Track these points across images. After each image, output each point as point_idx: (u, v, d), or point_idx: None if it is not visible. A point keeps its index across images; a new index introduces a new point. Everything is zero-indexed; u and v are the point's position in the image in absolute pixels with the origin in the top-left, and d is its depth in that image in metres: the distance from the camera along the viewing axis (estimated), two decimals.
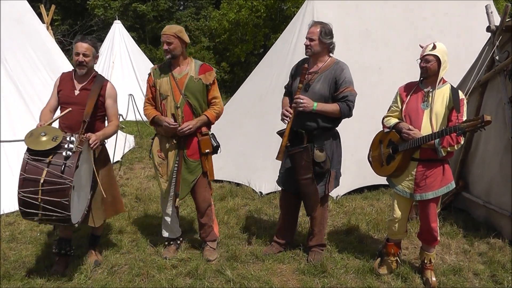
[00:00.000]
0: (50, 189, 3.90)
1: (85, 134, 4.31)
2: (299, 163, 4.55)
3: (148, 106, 4.89)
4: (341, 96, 4.54)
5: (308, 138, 4.62)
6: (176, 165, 4.82)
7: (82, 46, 4.50)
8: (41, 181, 3.88)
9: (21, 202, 3.92)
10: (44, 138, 3.99)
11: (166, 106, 4.71)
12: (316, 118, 4.57)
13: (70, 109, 4.40)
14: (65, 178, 3.94)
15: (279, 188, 5.24)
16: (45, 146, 3.97)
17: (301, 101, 4.45)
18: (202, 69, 4.81)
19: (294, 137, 4.64)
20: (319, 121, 4.58)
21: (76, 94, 4.54)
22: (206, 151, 4.83)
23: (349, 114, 4.60)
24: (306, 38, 4.59)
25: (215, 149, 4.92)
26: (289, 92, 4.86)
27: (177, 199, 4.92)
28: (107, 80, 4.75)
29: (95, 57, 4.62)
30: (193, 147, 4.82)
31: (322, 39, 4.54)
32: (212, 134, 4.93)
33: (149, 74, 4.87)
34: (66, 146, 4.03)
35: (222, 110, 4.95)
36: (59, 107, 4.62)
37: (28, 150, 3.97)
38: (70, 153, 4.01)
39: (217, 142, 4.94)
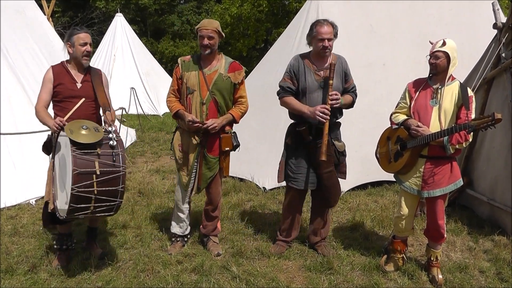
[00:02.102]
0: (105, 179, 3.96)
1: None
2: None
3: (172, 97, 4.85)
4: (351, 88, 4.76)
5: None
6: (196, 160, 4.81)
7: (87, 36, 4.45)
8: (98, 172, 3.92)
9: (74, 198, 3.86)
10: (85, 132, 3.99)
11: (192, 101, 4.67)
12: (336, 112, 4.65)
13: (84, 99, 4.39)
14: (117, 166, 4.03)
15: (283, 184, 5.23)
16: (96, 138, 3.99)
17: (338, 96, 4.49)
18: (232, 67, 4.77)
19: (309, 132, 4.62)
20: (337, 115, 4.71)
21: (78, 87, 4.48)
22: (226, 149, 4.82)
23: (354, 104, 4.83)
24: (324, 39, 4.49)
25: (234, 148, 4.91)
26: (293, 92, 4.72)
27: (193, 192, 5.04)
28: (100, 69, 4.76)
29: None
30: (213, 144, 4.80)
31: (335, 38, 4.60)
32: (234, 133, 4.91)
33: (177, 65, 4.81)
34: (108, 136, 4.11)
35: (247, 109, 4.94)
36: (58, 102, 4.45)
37: (74, 144, 3.92)
38: (115, 142, 4.08)
39: (238, 141, 4.92)
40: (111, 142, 4.06)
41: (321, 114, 4.43)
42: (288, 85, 4.73)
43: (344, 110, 4.83)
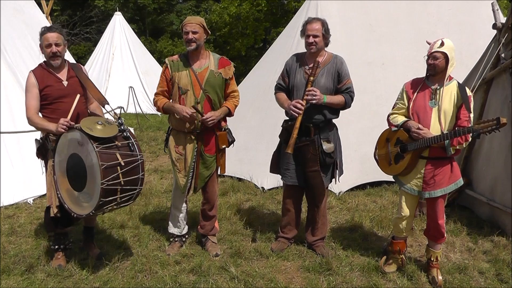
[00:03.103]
0: (128, 170, 4.06)
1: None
2: (306, 155, 4.66)
3: (159, 96, 4.81)
4: (344, 88, 4.70)
5: (314, 131, 4.67)
6: (193, 160, 4.79)
7: (52, 36, 4.34)
8: (122, 163, 3.99)
9: (104, 192, 3.91)
10: (100, 127, 4.04)
11: (186, 101, 4.64)
12: (324, 111, 4.65)
13: (79, 95, 4.35)
14: (135, 155, 4.14)
15: (281, 184, 5.26)
16: (114, 131, 4.07)
17: (316, 93, 4.48)
18: (221, 63, 4.77)
19: (299, 130, 4.62)
20: (326, 114, 4.67)
21: (65, 85, 4.44)
22: (223, 146, 4.83)
23: (350, 105, 4.77)
24: (309, 35, 4.59)
25: (229, 144, 4.92)
26: (285, 89, 4.87)
27: (191, 192, 5.00)
28: (79, 64, 4.75)
29: (65, 45, 4.49)
30: (210, 143, 4.79)
31: (325, 35, 4.63)
32: (229, 129, 4.91)
33: (165, 66, 4.77)
34: (120, 127, 4.18)
35: (239, 102, 4.97)
36: (49, 104, 4.40)
37: (94, 140, 3.95)
38: (128, 133, 4.18)
39: (233, 137, 4.93)
40: (124, 133, 4.15)
41: (293, 107, 4.51)
42: (280, 82, 4.91)
43: (342, 111, 4.84)
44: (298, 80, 4.70)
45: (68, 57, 8.36)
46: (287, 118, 4.85)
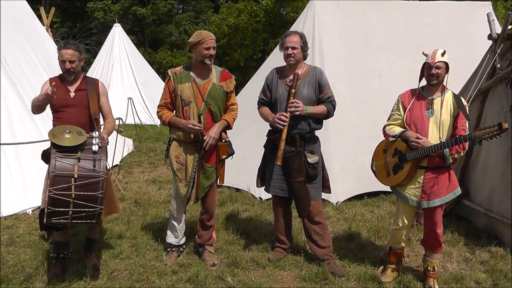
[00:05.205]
0: (83, 184, 3.96)
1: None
2: (292, 166, 4.72)
3: (163, 109, 4.86)
4: (326, 98, 4.80)
5: (300, 142, 4.74)
6: (194, 170, 4.83)
7: (67, 53, 4.48)
8: (75, 176, 3.91)
9: (51, 200, 3.88)
10: (68, 136, 4.03)
11: (189, 112, 4.70)
12: (309, 122, 4.73)
13: (54, 83, 4.39)
14: (97, 171, 4.03)
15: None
16: (76, 142, 4.02)
17: (299, 105, 4.57)
18: (223, 76, 4.85)
19: (285, 140, 4.68)
20: (311, 124, 4.76)
21: (72, 96, 4.55)
22: (223, 157, 4.90)
23: (333, 113, 4.87)
24: (288, 47, 4.68)
25: (228, 155, 4.96)
26: (267, 103, 4.95)
27: (191, 202, 5.07)
28: (97, 79, 4.82)
29: (81, 60, 4.61)
30: (211, 153, 4.84)
31: (303, 47, 4.74)
32: (229, 141, 4.96)
33: (168, 78, 4.81)
34: (91, 141, 4.11)
35: (237, 115, 5.04)
36: (54, 112, 4.57)
37: (55, 147, 3.96)
38: (97, 147, 4.08)
39: (232, 149, 4.99)
40: (93, 147, 4.08)
41: (277, 120, 4.59)
42: (261, 97, 5.00)
43: (331, 121, 4.96)
44: (280, 93, 4.78)
45: None
46: (271, 129, 4.93)
